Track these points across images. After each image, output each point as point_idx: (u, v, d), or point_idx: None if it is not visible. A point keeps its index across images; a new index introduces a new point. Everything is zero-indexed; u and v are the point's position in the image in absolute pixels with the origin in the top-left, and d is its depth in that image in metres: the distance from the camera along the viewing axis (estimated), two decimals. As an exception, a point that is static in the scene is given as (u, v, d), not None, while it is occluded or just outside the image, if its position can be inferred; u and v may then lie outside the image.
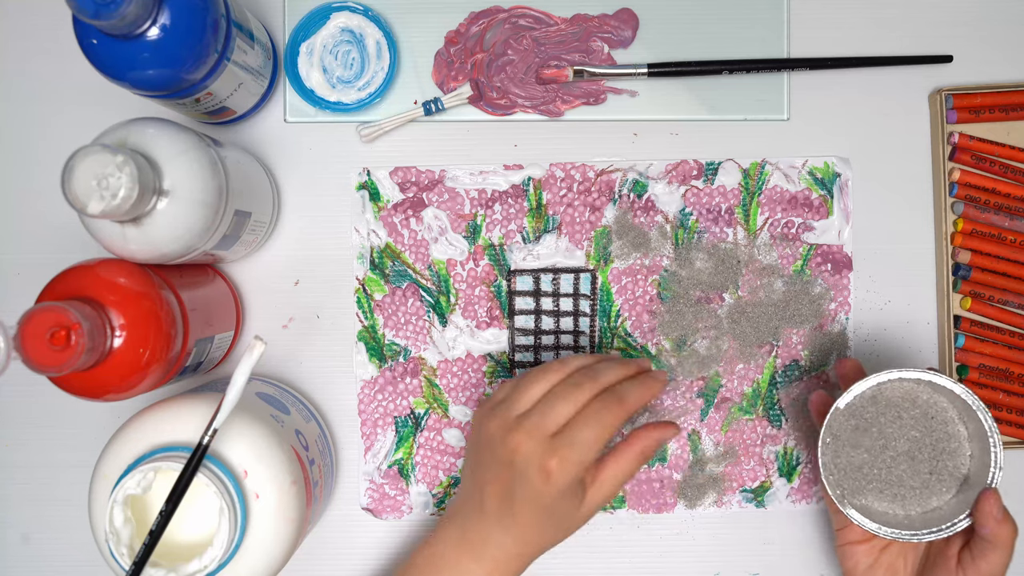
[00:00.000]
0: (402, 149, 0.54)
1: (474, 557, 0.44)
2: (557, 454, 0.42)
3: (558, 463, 0.42)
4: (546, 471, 0.42)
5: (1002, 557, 0.44)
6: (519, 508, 0.43)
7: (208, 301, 0.49)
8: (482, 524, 0.44)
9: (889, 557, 0.48)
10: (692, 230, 0.54)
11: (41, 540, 0.54)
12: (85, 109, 0.53)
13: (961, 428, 0.46)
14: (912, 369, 0.45)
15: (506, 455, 0.43)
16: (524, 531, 0.44)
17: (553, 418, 0.43)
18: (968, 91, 0.54)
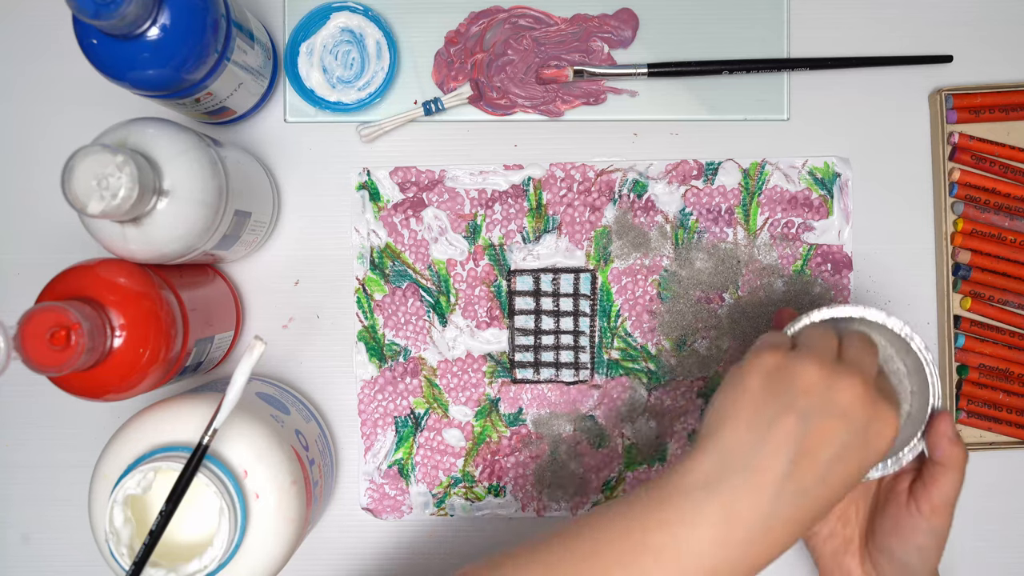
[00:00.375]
0: (402, 149, 0.54)
1: (745, 541, 0.36)
2: (895, 411, 0.38)
3: (895, 423, 0.37)
4: (887, 433, 0.37)
5: (955, 481, 0.42)
6: (836, 474, 0.37)
7: (208, 301, 0.49)
8: (764, 496, 0.36)
9: (841, 506, 0.46)
10: (692, 230, 0.54)
11: (41, 540, 0.54)
12: (85, 109, 0.53)
13: (900, 365, 0.45)
14: (843, 305, 0.44)
15: (841, 407, 0.37)
16: (826, 499, 0.37)
17: (869, 368, 0.39)
18: (968, 91, 0.54)
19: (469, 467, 0.54)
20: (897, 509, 0.44)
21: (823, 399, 0.37)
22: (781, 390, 0.38)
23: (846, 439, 0.37)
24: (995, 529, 0.51)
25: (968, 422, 0.54)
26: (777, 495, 0.36)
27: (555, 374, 0.54)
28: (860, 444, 0.37)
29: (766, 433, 0.37)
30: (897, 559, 0.44)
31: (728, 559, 0.36)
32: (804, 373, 0.38)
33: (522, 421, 0.54)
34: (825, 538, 0.46)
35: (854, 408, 0.37)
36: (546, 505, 0.54)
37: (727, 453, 0.37)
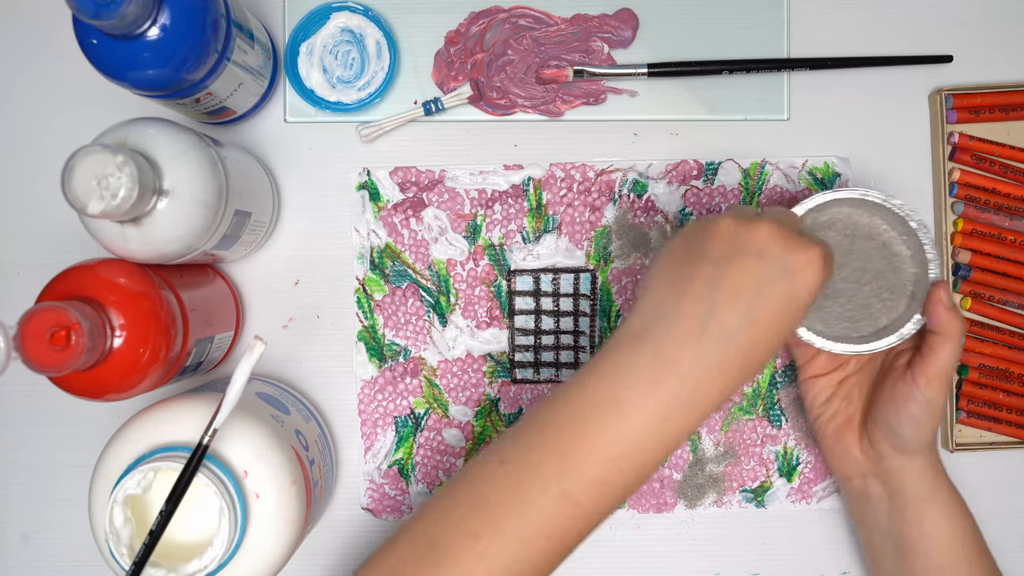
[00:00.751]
0: (402, 149, 0.54)
1: (678, 387, 0.37)
2: (820, 247, 0.38)
3: (823, 258, 0.38)
4: (809, 264, 0.37)
5: (951, 350, 0.44)
6: (761, 312, 0.37)
7: (208, 301, 0.49)
8: (687, 339, 0.37)
9: (846, 388, 0.49)
10: (692, 230, 0.54)
11: (41, 540, 0.54)
12: (85, 109, 0.53)
13: (902, 247, 0.47)
14: (846, 189, 0.46)
15: (753, 244, 0.37)
16: (756, 342, 0.37)
17: (792, 221, 0.40)
18: (968, 91, 0.54)
19: (469, 467, 0.54)
20: (894, 381, 0.46)
21: (735, 241, 0.38)
22: (697, 244, 0.39)
23: (764, 275, 0.37)
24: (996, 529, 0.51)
25: (968, 422, 0.54)
26: (700, 337, 0.37)
27: (555, 374, 0.54)
28: (780, 279, 0.37)
29: (686, 283, 0.38)
30: (892, 430, 0.46)
31: (662, 408, 0.37)
32: (717, 225, 0.39)
33: (522, 421, 0.54)
34: (829, 418, 0.49)
35: (768, 244, 0.38)
36: (546, 505, 0.54)
37: (653, 307, 0.38)
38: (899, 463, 0.47)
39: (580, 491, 0.37)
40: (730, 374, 0.37)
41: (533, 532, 0.37)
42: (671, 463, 0.55)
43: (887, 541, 0.48)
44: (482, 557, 0.36)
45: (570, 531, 0.37)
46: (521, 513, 0.37)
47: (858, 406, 0.49)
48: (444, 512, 0.38)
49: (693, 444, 0.55)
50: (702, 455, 0.55)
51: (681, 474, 0.55)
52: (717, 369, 0.37)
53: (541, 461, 0.37)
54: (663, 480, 0.55)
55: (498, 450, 0.39)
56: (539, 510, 0.37)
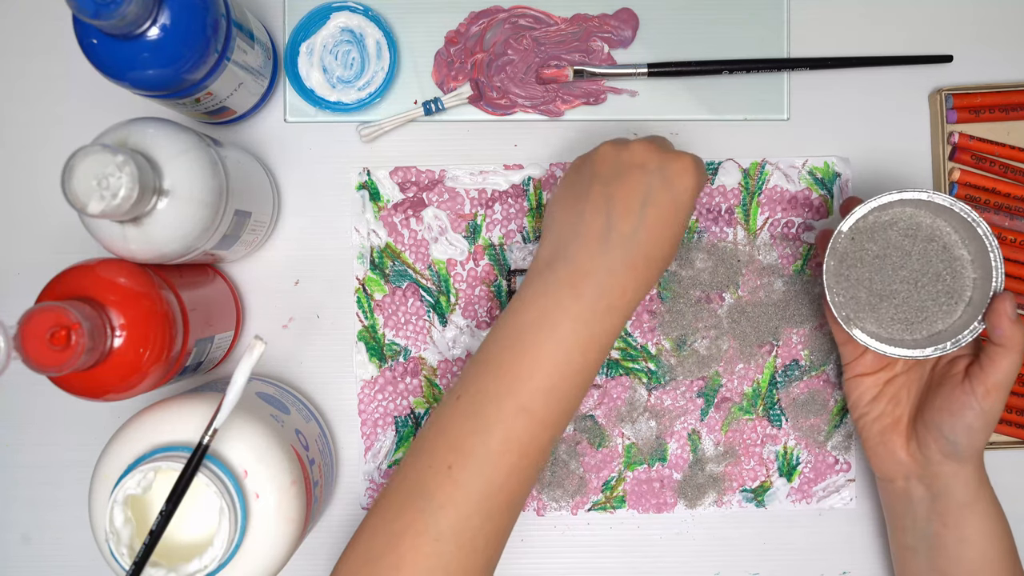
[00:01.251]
0: (402, 149, 0.54)
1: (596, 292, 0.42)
2: (691, 156, 0.43)
3: (695, 164, 0.43)
4: (684, 170, 0.43)
5: (1012, 362, 0.44)
6: (651, 215, 0.42)
7: (208, 301, 0.49)
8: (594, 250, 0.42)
9: (893, 388, 0.49)
10: (692, 230, 0.54)
11: (41, 540, 0.54)
12: (85, 109, 0.53)
13: (964, 252, 0.46)
14: (912, 190, 0.45)
15: (633, 160, 0.43)
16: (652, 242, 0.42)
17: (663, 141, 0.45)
18: (968, 91, 0.54)
19: (469, 467, 0.54)
20: (951, 389, 0.46)
21: (617, 161, 0.44)
22: (585, 170, 0.45)
23: (647, 184, 0.43)
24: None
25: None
26: (605, 246, 0.42)
27: (555, 374, 0.54)
28: (664, 186, 0.43)
29: (583, 204, 0.43)
30: (945, 437, 0.46)
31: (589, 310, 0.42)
32: (598, 152, 0.45)
33: (522, 421, 0.54)
34: (875, 418, 0.49)
35: (646, 158, 0.43)
36: (546, 505, 0.54)
37: (559, 231, 0.44)
38: (948, 469, 0.46)
39: (532, 401, 0.41)
40: (637, 270, 0.42)
41: (498, 449, 0.41)
42: (671, 463, 0.55)
43: (921, 542, 0.48)
44: (458, 483, 0.40)
45: (531, 441, 0.42)
46: (482, 434, 0.41)
47: (906, 408, 0.48)
48: (419, 455, 0.42)
49: (693, 444, 0.55)
50: (702, 455, 0.55)
51: (681, 474, 0.55)
52: (624, 268, 0.42)
53: (491, 385, 0.42)
54: (663, 480, 0.55)
55: (453, 390, 0.43)
56: (498, 427, 0.41)
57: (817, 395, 0.54)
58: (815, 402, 0.54)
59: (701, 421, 0.55)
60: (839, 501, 0.55)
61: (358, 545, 0.41)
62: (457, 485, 0.40)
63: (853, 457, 0.55)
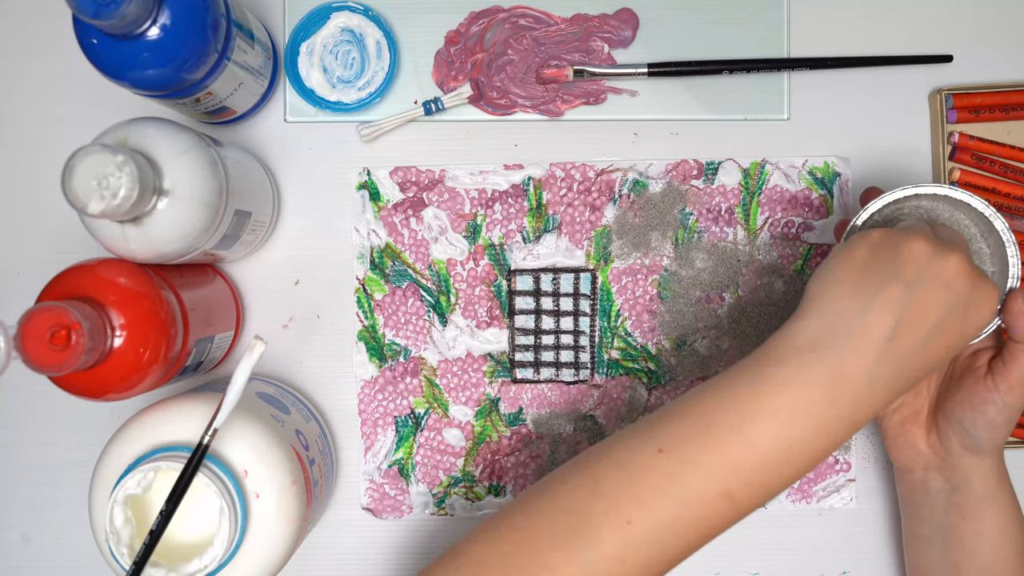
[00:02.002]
0: (402, 149, 0.54)
1: (851, 403, 0.38)
2: (996, 292, 0.40)
3: (995, 300, 0.40)
4: (987, 309, 0.39)
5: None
6: (936, 342, 0.38)
7: (208, 301, 0.49)
8: (868, 356, 0.37)
9: None
10: (692, 230, 0.54)
11: (41, 540, 0.54)
12: (85, 109, 0.53)
13: (982, 245, 0.46)
14: (930, 185, 0.45)
15: (944, 277, 0.38)
16: (922, 367, 0.39)
17: (965, 249, 0.41)
18: (968, 91, 0.54)
19: (469, 467, 0.54)
20: (974, 383, 0.45)
21: (928, 270, 0.38)
22: (887, 259, 0.39)
23: (947, 309, 0.38)
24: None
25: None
26: (880, 358, 0.38)
27: (555, 374, 0.54)
28: (960, 316, 0.39)
29: (871, 299, 0.38)
30: (965, 430, 0.46)
31: (834, 418, 0.38)
32: (911, 244, 0.39)
33: (522, 421, 0.54)
34: (895, 408, 0.48)
35: (957, 281, 0.39)
36: (546, 505, 0.54)
37: (833, 317, 0.38)
38: (968, 462, 0.46)
39: (737, 488, 0.37)
40: (894, 393, 0.39)
41: (684, 522, 0.38)
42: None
43: (937, 535, 0.48)
44: (630, 541, 0.37)
45: (718, 526, 0.38)
46: (676, 504, 0.37)
47: (927, 399, 0.48)
48: (596, 495, 0.38)
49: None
50: (702, 455, 0.55)
51: (681, 474, 0.55)
52: (884, 388, 0.38)
53: (702, 455, 0.38)
54: (663, 480, 0.55)
55: (654, 436, 0.39)
56: (696, 503, 0.37)
57: (817, 395, 0.54)
58: (815, 402, 0.54)
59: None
60: (839, 501, 0.55)
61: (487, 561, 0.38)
62: (628, 543, 0.37)
63: (853, 457, 0.55)
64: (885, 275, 0.38)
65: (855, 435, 0.55)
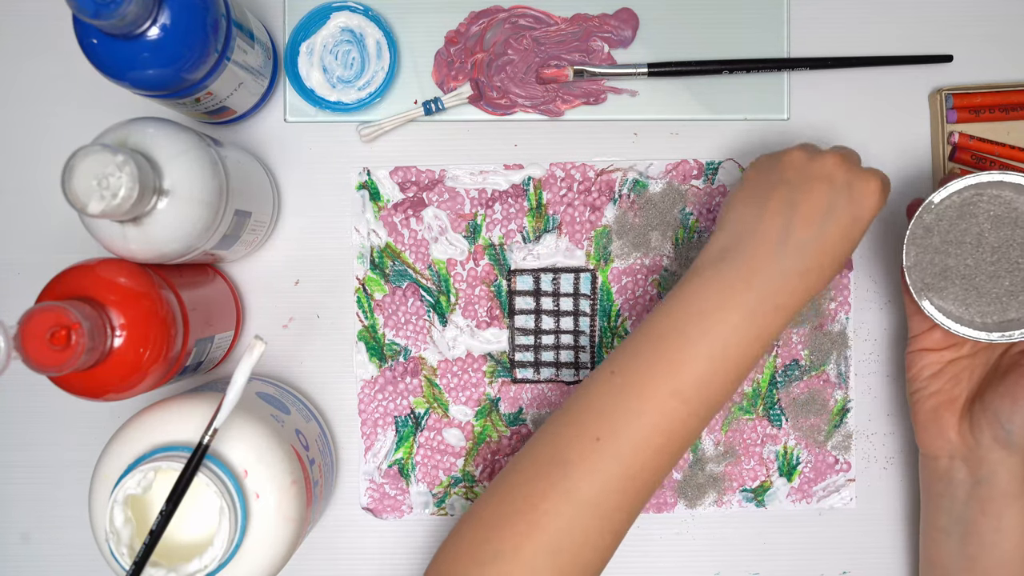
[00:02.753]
0: (402, 149, 0.54)
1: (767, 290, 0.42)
2: (880, 177, 0.43)
3: (882, 186, 0.43)
4: (870, 191, 0.43)
5: None
6: (831, 228, 0.43)
7: (208, 301, 0.49)
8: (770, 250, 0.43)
9: (955, 368, 0.49)
10: (692, 230, 0.54)
11: (41, 540, 0.54)
12: (85, 109, 0.53)
13: None
14: (1016, 173, 0.45)
15: (823, 172, 0.43)
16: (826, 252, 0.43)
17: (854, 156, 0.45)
18: (968, 91, 0.54)
19: (469, 467, 0.54)
20: (1018, 378, 0.46)
21: (806, 169, 0.44)
22: (771, 171, 0.45)
23: (832, 197, 0.43)
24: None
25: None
26: (782, 248, 0.42)
27: (555, 374, 0.55)
28: (847, 201, 0.43)
29: (763, 204, 0.44)
30: (1000, 423, 0.46)
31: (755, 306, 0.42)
32: (788, 155, 0.45)
33: (522, 421, 0.54)
34: (931, 393, 0.49)
35: (834, 172, 0.43)
36: (546, 505, 0.54)
37: (735, 228, 0.44)
38: (996, 455, 0.46)
39: (687, 388, 0.42)
40: (806, 277, 0.43)
41: (648, 430, 0.42)
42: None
43: (956, 527, 0.48)
44: (603, 455, 0.41)
45: (681, 428, 0.42)
46: (635, 413, 0.42)
47: (965, 389, 0.48)
48: (565, 424, 0.43)
49: (694, 444, 0.55)
50: (702, 455, 0.55)
51: (681, 474, 0.55)
52: (794, 273, 0.42)
53: (650, 367, 0.42)
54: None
55: (607, 364, 0.44)
56: (651, 409, 0.42)
57: (817, 395, 0.54)
58: (815, 402, 0.54)
59: None
60: (839, 501, 0.55)
61: (490, 501, 0.42)
62: (602, 457, 0.41)
63: (853, 457, 0.55)
64: (773, 183, 0.44)
65: (854, 434, 0.55)
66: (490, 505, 0.43)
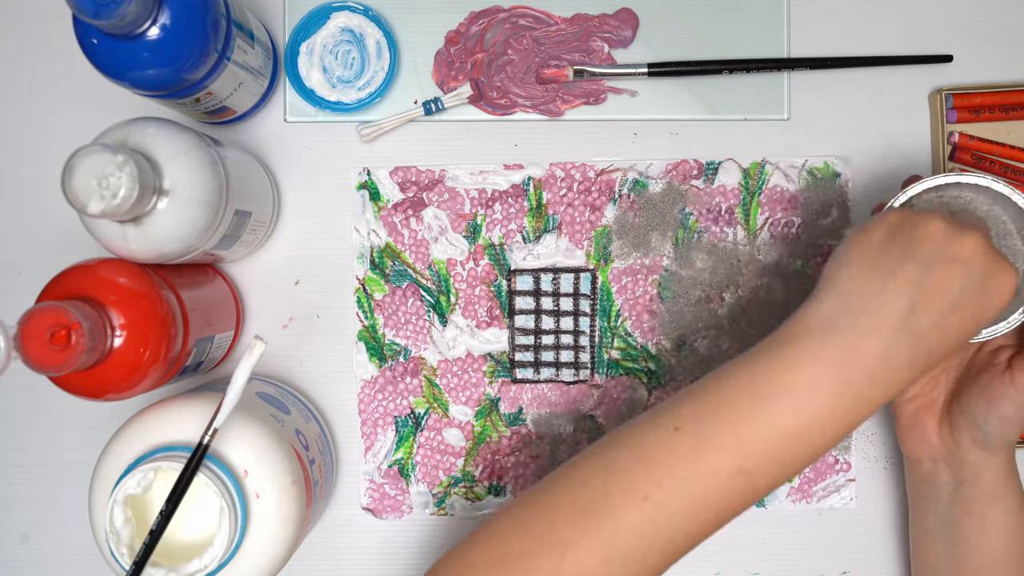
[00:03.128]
0: (402, 149, 0.54)
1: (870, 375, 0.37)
2: (1017, 274, 0.39)
3: (1015, 281, 0.39)
4: (1004, 287, 0.38)
5: None
6: (954, 319, 0.38)
7: (208, 301, 0.49)
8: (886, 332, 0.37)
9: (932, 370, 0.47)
10: (692, 230, 0.54)
11: (41, 540, 0.54)
12: (85, 109, 0.53)
13: (1017, 242, 0.46)
14: (974, 174, 0.44)
15: (962, 255, 0.38)
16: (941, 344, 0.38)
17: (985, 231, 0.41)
18: (968, 91, 0.54)
19: (469, 467, 0.54)
20: (991, 377, 0.46)
21: (944, 249, 0.38)
22: (903, 240, 0.39)
23: (964, 287, 0.38)
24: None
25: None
26: (895, 336, 0.37)
27: (555, 374, 0.55)
28: (977, 294, 0.38)
29: (888, 278, 0.38)
30: (977, 424, 0.46)
31: (849, 396, 0.37)
32: (928, 225, 0.39)
33: (522, 421, 0.54)
34: (909, 398, 0.49)
35: (974, 259, 0.38)
36: (546, 505, 0.54)
37: (848, 296, 0.38)
38: (976, 457, 0.46)
39: (753, 465, 0.37)
40: (913, 370, 0.38)
41: (701, 500, 0.38)
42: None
43: (942, 528, 0.48)
44: (647, 517, 0.37)
45: (735, 504, 0.38)
46: (692, 480, 0.37)
47: (943, 391, 0.48)
48: (611, 472, 0.38)
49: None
50: (702, 455, 0.55)
51: (681, 474, 0.55)
52: (901, 367, 0.38)
53: (717, 432, 0.38)
54: (663, 480, 0.55)
55: (670, 414, 0.39)
56: (710, 481, 0.37)
57: (817, 395, 0.54)
58: (815, 402, 0.54)
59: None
60: (839, 501, 0.55)
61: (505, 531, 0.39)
62: (645, 519, 0.37)
63: (853, 457, 0.55)
64: (901, 255, 0.39)
65: (854, 434, 0.55)
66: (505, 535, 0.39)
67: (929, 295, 0.38)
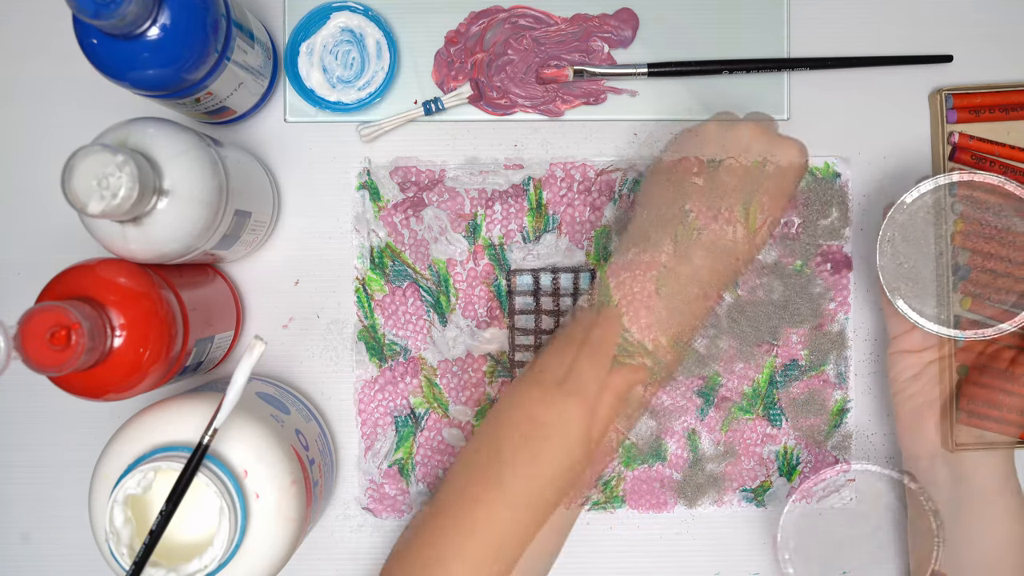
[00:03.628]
0: (402, 149, 0.54)
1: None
2: (791, 140, 0.46)
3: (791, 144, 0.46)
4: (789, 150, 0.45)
5: None
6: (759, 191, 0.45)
7: (208, 301, 0.49)
8: None
9: (935, 369, 0.49)
10: (692, 228, 0.54)
11: (41, 540, 0.54)
12: (85, 109, 0.53)
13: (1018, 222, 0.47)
14: (986, 174, 0.45)
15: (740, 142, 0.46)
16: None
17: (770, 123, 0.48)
18: (968, 91, 0.54)
19: (469, 467, 0.54)
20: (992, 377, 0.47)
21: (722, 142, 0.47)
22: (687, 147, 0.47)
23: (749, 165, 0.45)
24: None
25: (968, 422, 0.54)
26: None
27: (555, 374, 0.54)
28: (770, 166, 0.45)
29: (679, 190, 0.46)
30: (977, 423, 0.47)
31: None
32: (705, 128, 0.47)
33: (522, 421, 0.54)
34: (911, 395, 0.50)
35: (754, 141, 0.46)
36: (546, 505, 0.54)
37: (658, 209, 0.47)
38: (975, 454, 0.47)
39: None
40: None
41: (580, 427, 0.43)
42: (671, 463, 0.55)
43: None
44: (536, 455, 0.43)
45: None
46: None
47: (944, 390, 0.49)
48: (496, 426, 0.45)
49: (692, 443, 0.55)
50: (701, 454, 0.55)
51: (681, 474, 0.55)
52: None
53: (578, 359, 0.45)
54: (663, 480, 0.55)
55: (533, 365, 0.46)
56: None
57: (816, 395, 0.54)
58: (814, 402, 0.54)
59: (700, 420, 0.55)
60: (839, 501, 0.55)
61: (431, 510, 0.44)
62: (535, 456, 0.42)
63: (853, 457, 0.55)
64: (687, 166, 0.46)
65: (854, 434, 0.55)
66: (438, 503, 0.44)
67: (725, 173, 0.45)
